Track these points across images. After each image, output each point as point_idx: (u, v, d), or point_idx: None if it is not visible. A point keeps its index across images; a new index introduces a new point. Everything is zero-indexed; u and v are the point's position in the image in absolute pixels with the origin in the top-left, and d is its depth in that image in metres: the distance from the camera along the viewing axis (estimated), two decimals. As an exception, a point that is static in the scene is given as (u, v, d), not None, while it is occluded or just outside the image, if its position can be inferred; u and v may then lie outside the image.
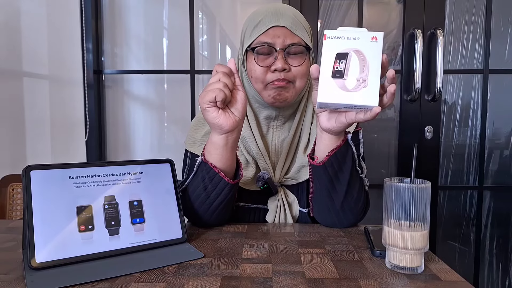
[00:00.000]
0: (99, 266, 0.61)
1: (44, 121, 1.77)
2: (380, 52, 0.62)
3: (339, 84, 0.62)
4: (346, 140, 0.76)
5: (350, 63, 0.62)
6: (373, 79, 0.62)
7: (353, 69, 0.62)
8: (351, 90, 0.62)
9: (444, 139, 1.80)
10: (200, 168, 0.79)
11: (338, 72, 0.63)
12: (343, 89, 0.62)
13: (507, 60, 1.77)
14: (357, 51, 0.62)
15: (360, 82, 0.62)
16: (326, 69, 0.63)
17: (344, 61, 0.63)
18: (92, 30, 1.80)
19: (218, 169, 0.77)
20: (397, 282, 0.57)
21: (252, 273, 0.59)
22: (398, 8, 1.78)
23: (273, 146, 0.93)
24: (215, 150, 0.77)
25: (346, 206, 0.81)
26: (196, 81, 1.84)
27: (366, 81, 0.62)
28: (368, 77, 0.62)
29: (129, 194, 0.69)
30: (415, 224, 0.59)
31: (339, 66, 0.63)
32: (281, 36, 0.84)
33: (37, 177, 0.63)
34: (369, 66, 0.62)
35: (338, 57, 0.63)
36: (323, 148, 0.75)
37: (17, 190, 1.30)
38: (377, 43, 0.62)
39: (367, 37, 0.63)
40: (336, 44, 0.63)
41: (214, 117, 0.73)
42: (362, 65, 0.62)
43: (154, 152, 1.94)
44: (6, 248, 0.71)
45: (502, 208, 1.83)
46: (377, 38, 0.62)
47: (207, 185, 0.79)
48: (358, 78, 0.62)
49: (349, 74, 0.62)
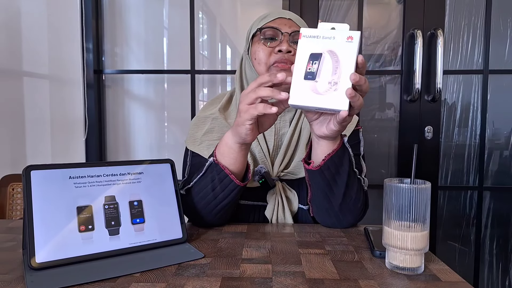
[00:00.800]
0: (99, 266, 0.61)
1: (44, 121, 1.77)
2: (355, 53, 0.60)
3: (310, 86, 0.61)
4: (342, 143, 0.76)
5: (323, 64, 0.61)
6: (344, 82, 0.60)
7: (325, 71, 0.61)
8: (321, 93, 0.61)
9: (444, 140, 1.80)
10: (210, 169, 0.79)
11: (310, 73, 0.61)
12: (314, 92, 0.61)
13: (507, 61, 1.77)
14: (331, 52, 0.61)
15: (332, 84, 0.60)
16: (299, 70, 0.62)
17: (317, 62, 0.61)
18: (92, 30, 1.80)
19: (230, 171, 0.77)
20: (397, 283, 0.57)
21: (252, 274, 0.60)
22: (398, 8, 1.78)
23: (273, 140, 0.93)
24: (229, 154, 0.77)
25: (344, 207, 0.81)
26: (196, 81, 1.84)
27: (337, 84, 0.60)
28: (340, 79, 0.60)
29: (129, 194, 0.69)
30: (415, 224, 0.59)
31: (312, 68, 0.61)
32: (287, 24, 0.90)
33: (37, 177, 0.63)
34: (341, 68, 0.60)
35: (311, 58, 0.62)
36: (320, 153, 0.75)
37: (17, 190, 1.30)
38: (353, 43, 0.60)
39: (343, 36, 0.61)
40: (311, 44, 0.62)
41: (248, 131, 0.70)
42: (335, 67, 0.60)
43: (154, 152, 1.94)
44: (6, 248, 0.71)
45: (502, 208, 1.83)
46: (353, 38, 0.60)
47: (215, 186, 0.78)
48: (330, 81, 0.61)
49: (321, 76, 0.61)
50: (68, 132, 1.80)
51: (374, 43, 1.81)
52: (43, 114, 1.77)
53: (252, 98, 0.67)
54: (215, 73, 1.93)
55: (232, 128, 0.75)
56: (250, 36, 0.93)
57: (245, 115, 0.68)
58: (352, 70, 0.60)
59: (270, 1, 1.87)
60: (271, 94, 0.65)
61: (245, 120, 0.68)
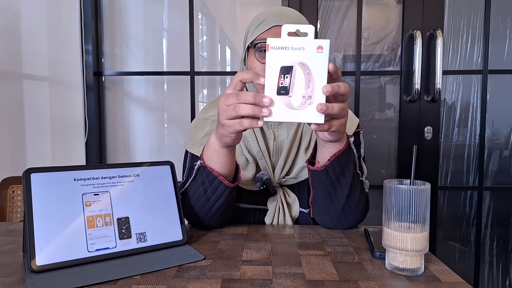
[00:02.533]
0: (100, 269, 0.61)
1: (44, 123, 1.77)
2: (326, 63, 0.59)
3: (284, 102, 0.60)
4: (348, 144, 0.76)
5: (295, 78, 0.59)
6: (318, 94, 0.59)
7: (298, 84, 0.59)
8: (296, 107, 0.59)
9: (444, 140, 1.80)
10: (200, 172, 0.79)
11: (283, 88, 0.59)
12: (289, 107, 0.59)
13: (506, 61, 1.77)
14: (302, 64, 0.59)
15: (306, 98, 0.59)
16: (271, 85, 0.60)
17: (289, 76, 0.59)
18: (91, 31, 1.80)
19: (218, 173, 0.77)
20: (397, 284, 0.57)
21: (253, 275, 0.60)
22: (397, 9, 1.79)
23: (273, 146, 0.93)
24: (217, 158, 0.76)
25: (347, 209, 0.81)
26: (196, 82, 1.84)
27: (312, 98, 0.59)
28: (314, 92, 0.59)
29: (129, 196, 0.69)
30: (415, 225, 0.59)
31: (284, 82, 0.59)
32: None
33: (37, 179, 0.63)
34: (314, 81, 0.59)
35: (282, 71, 0.59)
36: (327, 154, 0.75)
37: (17, 192, 1.30)
38: (323, 54, 0.59)
39: (313, 46, 0.59)
40: (280, 56, 0.59)
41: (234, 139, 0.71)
42: (308, 79, 0.59)
43: (154, 153, 1.94)
44: (6, 250, 0.71)
45: (502, 208, 1.83)
46: (323, 48, 0.58)
47: (206, 188, 0.79)
48: (304, 95, 0.59)
49: (294, 90, 0.59)
50: (68, 134, 1.80)
51: (373, 44, 1.81)
52: (43, 116, 1.77)
53: (232, 116, 0.65)
54: (214, 74, 1.93)
55: (215, 135, 0.74)
56: (246, 47, 0.90)
57: (229, 129, 0.67)
58: (325, 81, 0.59)
59: (269, 2, 1.87)
60: (253, 113, 0.62)
61: (229, 133, 0.68)
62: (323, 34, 1.82)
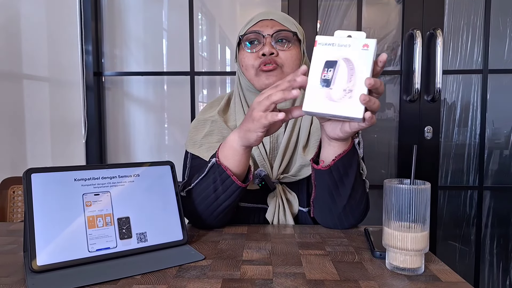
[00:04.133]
0: (100, 269, 0.61)
1: (44, 123, 1.77)
2: (371, 61, 0.61)
3: (325, 94, 0.61)
4: (353, 144, 0.76)
5: (338, 72, 0.61)
6: (359, 89, 0.60)
7: (340, 78, 0.61)
8: (336, 100, 0.61)
9: (444, 139, 1.80)
10: (212, 170, 0.79)
11: (325, 80, 0.62)
12: (328, 99, 0.61)
13: (506, 60, 1.77)
14: (347, 60, 0.61)
15: (346, 92, 0.61)
16: (314, 77, 0.62)
17: (332, 69, 0.61)
18: (91, 32, 1.80)
19: (231, 172, 0.77)
20: (398, 283, 0.57)
21: (253, 275, 0.60)
22: (397, 8, 1.79)
23: (270, 142, 0.93)
24: (233, 156, 0.77)
25: (348, 208, 0.81)
26: (196, 82, 1.85)
27: (352, 92, 0.60)
28: (355, 87, 0.60)
29: (129, 196, 0.70)
30: (415, 225, 0.59)
31: (327, 75, 0.62)
32: (269, 25, 0.91)
33: (37, 180, 0.63)
34: (356, 76, 0.60)
35: (326, 65, 0.62)
36: (331, 153, 0.75)
37: (17, 192, 1.30)
38: (368, 51, 0.61)
39: (359, 44, 0.61)
40: (326, 51, 0.62)
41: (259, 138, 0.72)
42: (350, 74, 0.61)
43: (154, 153, 1.94)
44: (7, 250, 0.71)
45: (502, 208, 1.83)
46: (369, 46, 0.61)
47: (217, 187, 0.79)
48: (345, 88, 0.61)
49: (336, 83, 0.61)
50: (68, 134, 1.80)
51: (373, 44, 1.81)
52: (43, 117, 1.77)
53: (266, 105, 0.67)
54: (214, 74, 1.93)
55: (239, 132, 0.75)
56: (236, 44, 0.96)
57: (257, 124, 0.69)
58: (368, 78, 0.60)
59: (269, 2, 1.87)
60: (283, 96, 0.66)
61: (258, 128, 0.69)
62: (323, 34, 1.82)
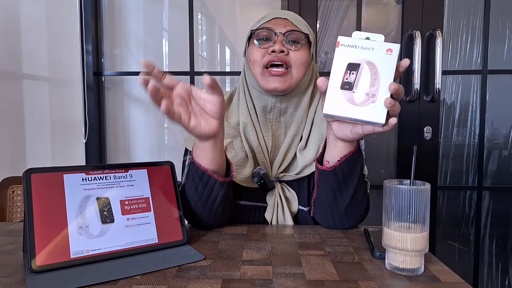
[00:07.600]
0: (100, 269, 0.61)
1: (44, 123, 1.77)
2: (394, 65, 0.60)
3: (347, 97, 0.60)
4: (358, 146, 0.76)
5: (361, 75, 0.60)
6: (382, 94, 0.59)
7: (363, 82, 0.60)
8: (358, 104, 0.60)
9: (443, 140, 1.81)
10: (191, 169, 0.79)
11: (347, 83, 0.60)
12: (350, 102, 0.60)
13: (506, 61, 1.77)
14: (370, 63, 0.60)
15: (369, 96, 0.60)
16: (336, 79, 0.61)
17: (355, 72, 0.60)
18: (91, 31, 1.80)
19: (205, 168, 0.76)
20: (397, 284, 0.57)
21: (253, 275, 0.60)
22: (397, 9, 1.79)
23: (271, 140, 0.93)
24: (205, 154, 0.76)
25: (350, 209, 0.81)
26: (195, 82, 1.85)
27: (375, 96, 0.59)
28: (378, 92, 0.59)
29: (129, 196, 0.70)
30: (414, 225, 0.59)
31: (349, 78, 0.60)
32: (282, 24, 0.90)
33: (37, 180, 0.63)
34: (380, 80, 0.59)
35: (349, 68, 0.61)
36: (337, 154, 0.75)
37: (17, 192, 1.30)
38: (392, 56, 0.60)
39: (382, 48, 0.60)
40: (349, 53, 0.61)
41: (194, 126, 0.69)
42: (373, 78, 0.60)
43: (154, 153, 1.94)
44: (7, 250, 0.71)
45: (502, 208, 1.83)
46: (393, 51, 0.60)
47: (197, 184, 0.78)
48: (368, 92, 0.60)
49: (358, 87, 0.60)
50: (68, 134, 1.80)
51: (373, 44, 1.81)
52: (43, 117, 1.77)
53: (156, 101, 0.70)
54: (214, 74, 1.93)
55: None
56: (247, 38, 0.95)
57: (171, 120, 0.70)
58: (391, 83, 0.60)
59: (269, 2, 1.87)
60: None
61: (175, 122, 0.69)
62: (322, 34, 1.82)
